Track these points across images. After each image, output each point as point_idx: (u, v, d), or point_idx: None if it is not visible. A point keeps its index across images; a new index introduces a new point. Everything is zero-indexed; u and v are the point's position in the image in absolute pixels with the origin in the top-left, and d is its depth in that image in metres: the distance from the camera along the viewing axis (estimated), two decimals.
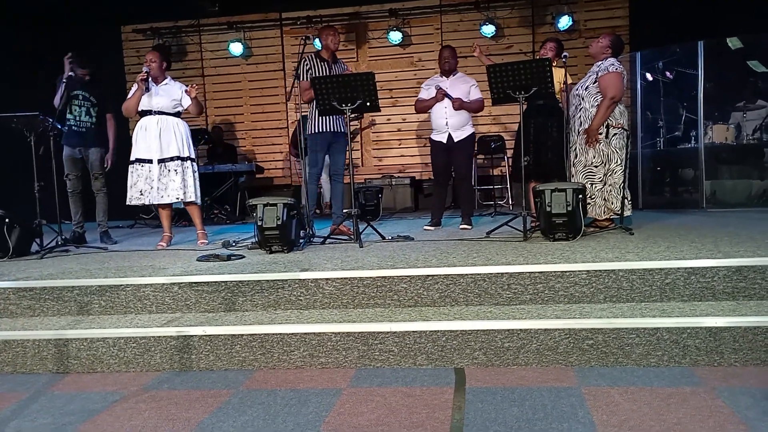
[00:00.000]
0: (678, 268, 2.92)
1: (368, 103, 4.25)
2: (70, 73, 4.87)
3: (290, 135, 8.09)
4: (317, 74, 4.67)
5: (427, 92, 5.13)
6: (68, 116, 5.03)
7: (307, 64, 4.73)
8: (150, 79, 4.52)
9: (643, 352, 2.62)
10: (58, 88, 4.97)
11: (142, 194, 4.51)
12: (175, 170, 4.52)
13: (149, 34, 8.55)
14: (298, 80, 4.66)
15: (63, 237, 4.59)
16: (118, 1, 8.01)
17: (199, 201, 4.70)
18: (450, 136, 5.03)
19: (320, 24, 8.16)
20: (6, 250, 4.29)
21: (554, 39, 4.94)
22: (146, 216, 7.37)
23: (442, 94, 4.96)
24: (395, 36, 8.00)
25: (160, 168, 4.50)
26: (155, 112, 4.52)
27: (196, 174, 4.67)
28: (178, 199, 4.55)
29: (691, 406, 2.18)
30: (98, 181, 5.16)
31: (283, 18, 8.41)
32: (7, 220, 4.27)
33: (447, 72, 5.10)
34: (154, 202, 4.56)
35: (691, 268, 2.91)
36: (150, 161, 4.50)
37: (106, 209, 5.26)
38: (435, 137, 5.13)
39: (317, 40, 7.93)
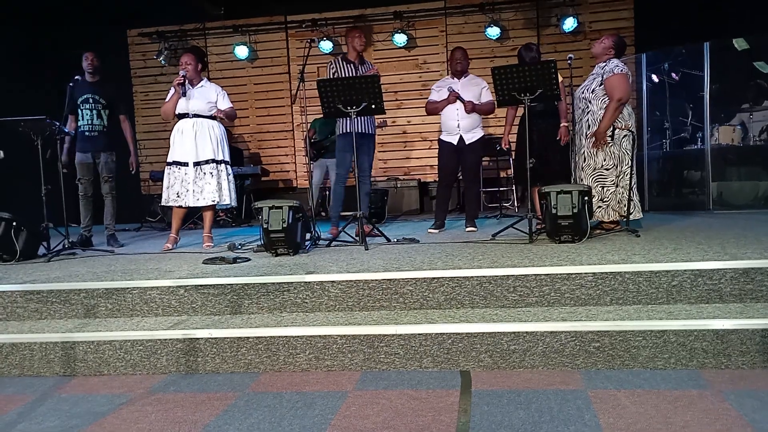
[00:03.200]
0: (685, 270, 2.90)
1: (373, 106, 4.25)
2: (77, 77, 4.92)
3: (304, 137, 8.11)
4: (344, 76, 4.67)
5: (438, 94, 5.11)
6: (80, 122, 5.05)
7: (332, 68, 4.78)
8: (186, 82, 4.54)
9: (649, 354, 2.61)
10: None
11: (178, 196, 4.56)
12: (211, 173, 4.56)
13: (155, 38, 8.59)
14: (303, 83, 4.66)
15: (70, 240, 4.61)
16: (123, 5, 8.06)
17: (235, 203, 4.83)
18: (461, 138, 5.00)
19: (325, 26, 8.20)
20: (13, 253, 4.32)
21: (530, 45, 4.97)
22: (152, 219, 7.40)
23: (454, 96, 4.94)
24: (400, 38, 8.02)
25: (196, 171, 4.54)
26: (192, 115, 4.55)
27: (231, 177, 4.72)
28: (214, 202, 4.59)
29: (698, 409, 2.17)
30: (107, 184, 5.17)
31: (288, 21, 8.43)
32: (14, 223, 4.30)
33: (459, 73, 5.07)
34: (190, 205, 4.60)
35: (697, 270, 2.90)
36: (186, 164, 4.54)
37: (114, 213, 5.27)
38: (445, 138, 5.10)
39: (328, 42, 8.02)
